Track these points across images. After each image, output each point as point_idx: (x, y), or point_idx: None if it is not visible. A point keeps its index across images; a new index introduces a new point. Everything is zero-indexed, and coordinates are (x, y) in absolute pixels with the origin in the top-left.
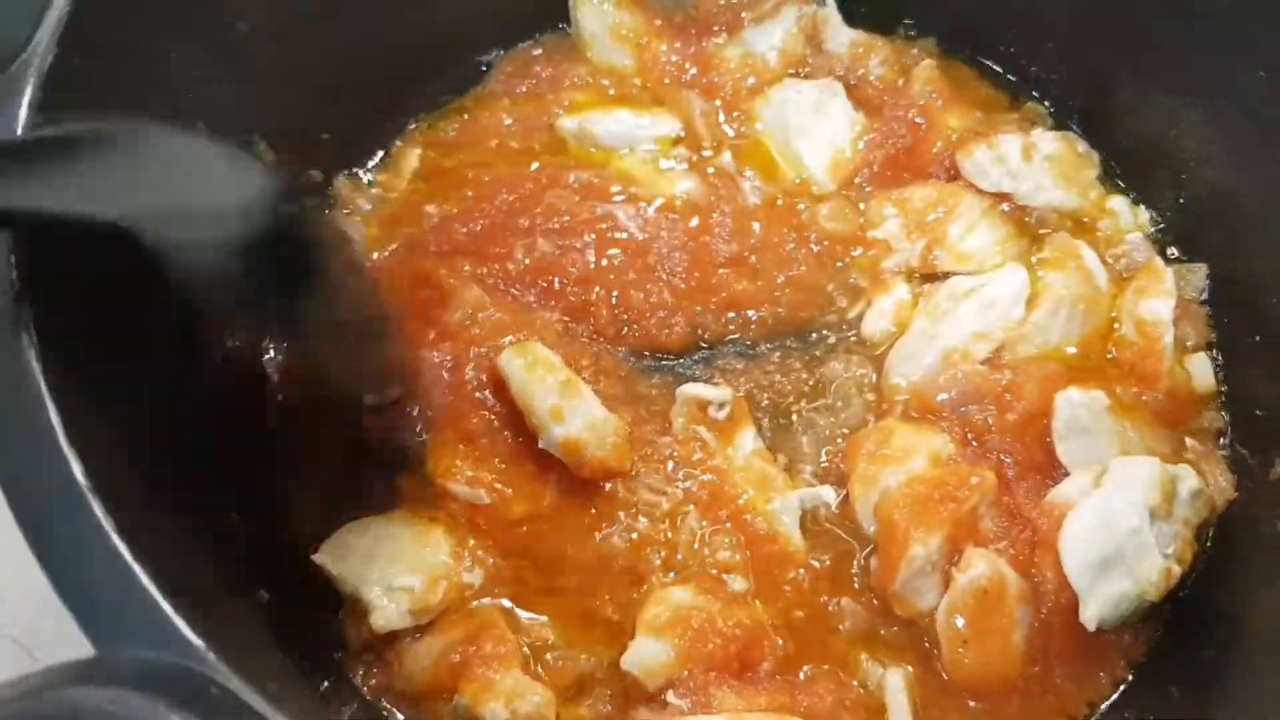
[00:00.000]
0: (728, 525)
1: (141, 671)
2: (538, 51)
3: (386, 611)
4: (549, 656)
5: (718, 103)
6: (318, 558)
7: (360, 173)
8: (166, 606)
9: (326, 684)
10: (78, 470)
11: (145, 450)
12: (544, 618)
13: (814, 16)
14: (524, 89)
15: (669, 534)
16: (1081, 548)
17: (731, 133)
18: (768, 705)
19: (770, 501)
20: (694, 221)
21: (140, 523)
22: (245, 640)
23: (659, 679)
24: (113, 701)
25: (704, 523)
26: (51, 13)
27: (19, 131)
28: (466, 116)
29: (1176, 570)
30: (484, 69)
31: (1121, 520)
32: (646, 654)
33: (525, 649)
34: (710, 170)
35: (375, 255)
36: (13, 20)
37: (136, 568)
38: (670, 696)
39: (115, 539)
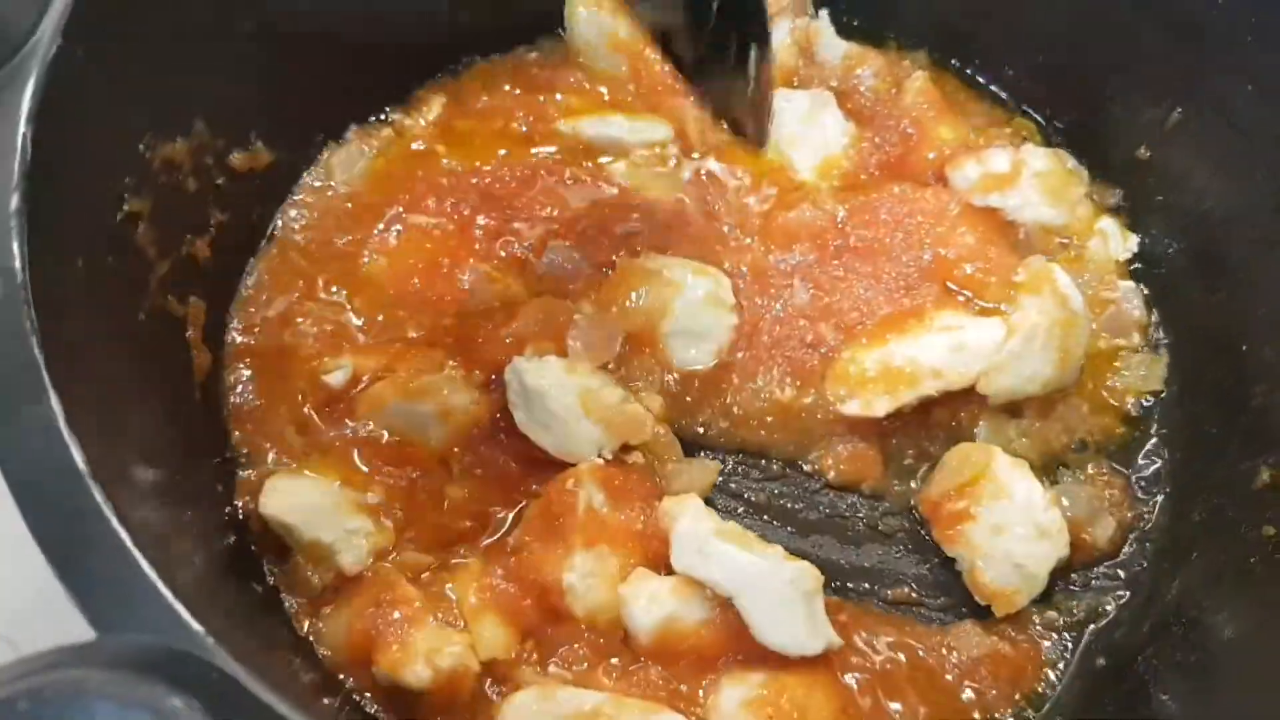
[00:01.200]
0: None
1: (142, 655)
2: (534, 55)
3: (355, 550)
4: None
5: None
6: (267, 510)
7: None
8: (167, 593)
9: (311, 674)
10: (78, 457)
11: (145, 438)
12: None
13: (807, 28)
14: (519, 93)
15: None
16: None
17: (722, 139)
18: (644, 695)
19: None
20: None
21: (140, 510)
22: (238, 628)
23: (509, 653)
24: (114, 683)
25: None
26: (56, 4)
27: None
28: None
29: None
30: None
31: None
32: (489, 641)
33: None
34: (703, 174)
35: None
36: (17, 11)
37: (137, 554)
38: (551, 667)
39: (116, 525)
